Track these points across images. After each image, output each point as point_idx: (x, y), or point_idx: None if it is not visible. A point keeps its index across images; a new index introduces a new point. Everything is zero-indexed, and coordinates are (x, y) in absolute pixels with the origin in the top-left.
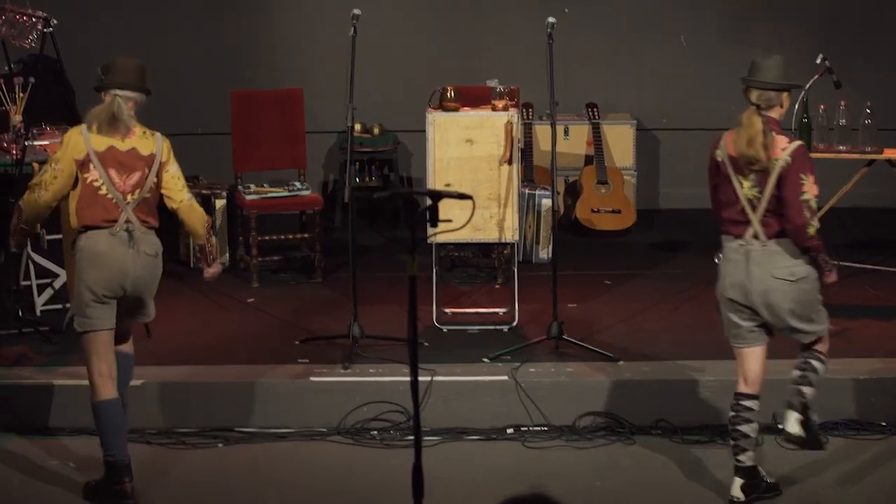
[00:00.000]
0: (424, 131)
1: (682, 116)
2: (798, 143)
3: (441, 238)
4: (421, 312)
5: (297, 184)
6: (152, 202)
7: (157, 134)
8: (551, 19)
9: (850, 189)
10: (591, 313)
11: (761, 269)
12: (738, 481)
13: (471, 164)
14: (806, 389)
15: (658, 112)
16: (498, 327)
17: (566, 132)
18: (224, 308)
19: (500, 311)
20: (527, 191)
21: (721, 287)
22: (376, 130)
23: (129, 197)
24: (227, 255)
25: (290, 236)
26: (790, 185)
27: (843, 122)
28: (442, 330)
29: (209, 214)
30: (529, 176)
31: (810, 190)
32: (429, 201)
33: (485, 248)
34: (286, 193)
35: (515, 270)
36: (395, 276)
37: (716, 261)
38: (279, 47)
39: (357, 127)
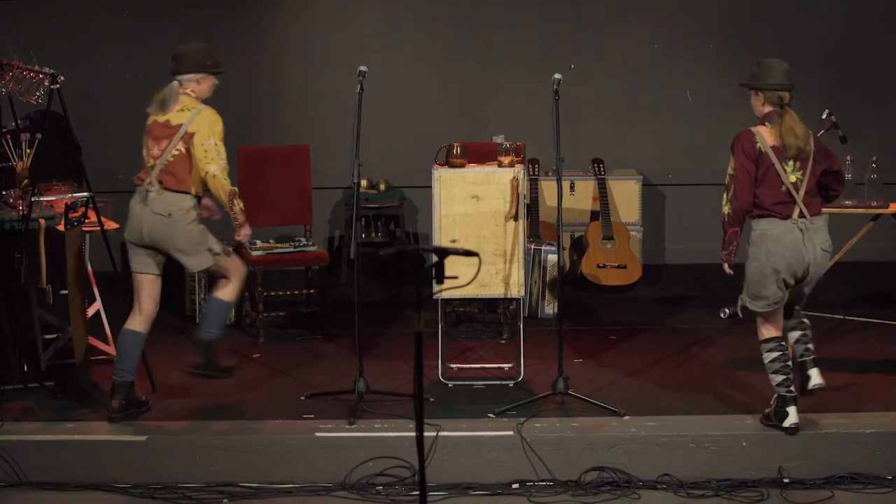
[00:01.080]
0: (430, 187)
1: (688, 172)
2: (810, 130)
3: (447, 294)
4: (427, 368)
5: (303, 239)
6: (176, 167)
7: (200, 109)
8: (557, 76)
9: (856, 243)
10: (596, 368)
11: (812, 243)
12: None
13: (477, 220)
14: (812, 345)
15: (664, 167)
16: (503, 382)
17: (572, 188)
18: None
19: (506, 366)
20: (532, 246)
21: (771, 263)
22: (382, 186)
23: (154, 161)
24: (233, 311)
25: (296, 292)
26: (832, 160)
27: (849, 176)
28: (447, 385)
29: None
30: (535, 231)
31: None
32: (435, 258)
33: (490, 304)
34: (292, 249)
35: (521, 326)
36: (401, 332)
37: (721, 315)
38: (286, 103)
39: (363, 183)
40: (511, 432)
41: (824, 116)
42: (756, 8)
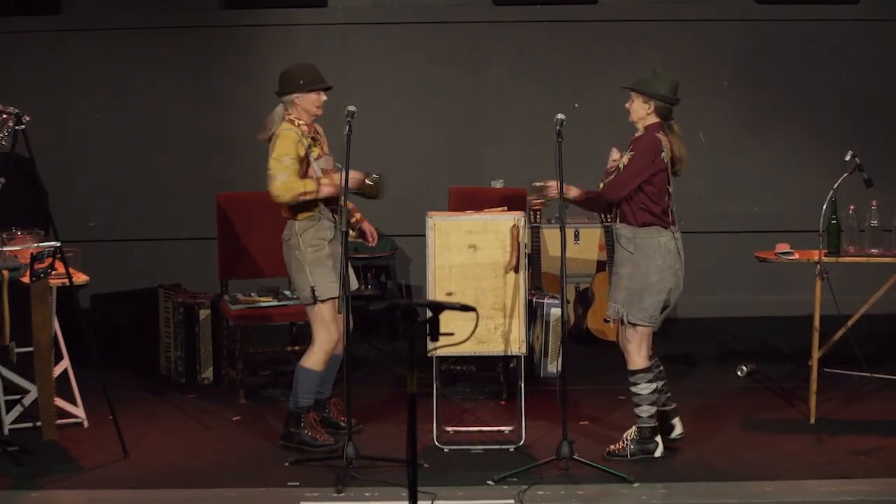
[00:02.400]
0: (424, 236)
1: (700, 218)
2: None
3: (442, 352)
4: (420, 431)
5: (288, 293)
6: None
7: (282, 129)
8: (560, 116)
9: (883, 294)
10: (604, 431)
11: (681, 253)
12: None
13: (474, 272)
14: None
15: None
16: (503, 447)
17: (576, 236)
18: (208, 427)
19: (506, 429)
20: (534, 299)
21: (661, 272)
22: None
23: None
24: (211, 370)
25: (280, 349)
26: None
27: (874, 223)
28: (443, 450)
29: (193, 325)
30: (537, 283)
31: None
32: (429, 313)
33: (489, 362)
34: (275, 303)
35: (522, 385)
36: (393, 392)
37: (738, 374)
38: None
39: (352, 231)
40: (511, 501)
41: (847, 158)
42: (773, 42)
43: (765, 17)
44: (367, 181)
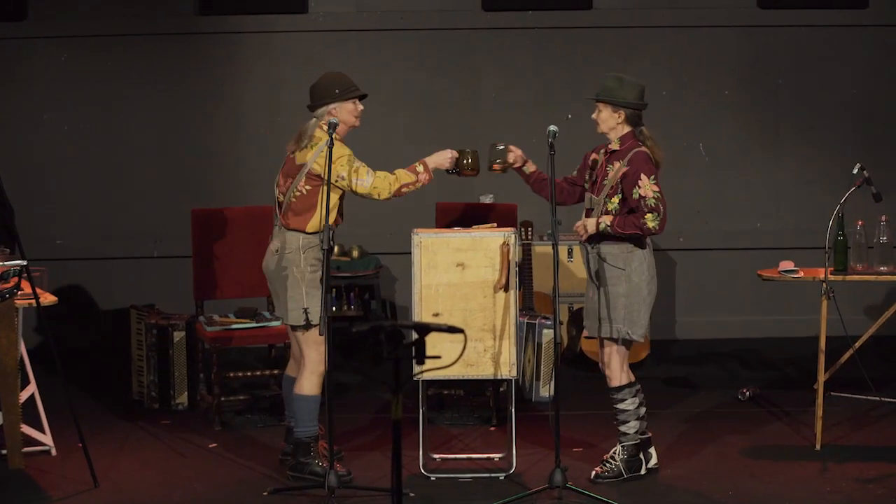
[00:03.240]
0: (409, 254)
1: (701, 235)
2: None
3: (429, 375)
4: (406, 459)
5: (266, 314)
6: (298, 206)
7: (323, 147)
8: (553, 127)
9: (892, 314)
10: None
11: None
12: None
13: (462, 291)
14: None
15: (674, 230)
16: (493, 475)
17: (570, 254)
18: (183, 455)
19: (496, 456)
20: (526, 320)
21: (650, 284)
22: (355, 253)
23: (281, 199)
24: (186, 395)
25: (258, 373)
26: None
27: (883, 239)
28: (430, 478)
29: (167, 348)
30: (529, 304)
31: None
32: (414, 335)
33: (478, 386)
34: (253, 325)
35: (513, 410)
36: (377, 418)
37: (740, 398)
38: (246, 158)
39: (334, 249)
40: None
41: (856, 171)
42: (777, 48)
43: (768, 22)
44: (463, 156)
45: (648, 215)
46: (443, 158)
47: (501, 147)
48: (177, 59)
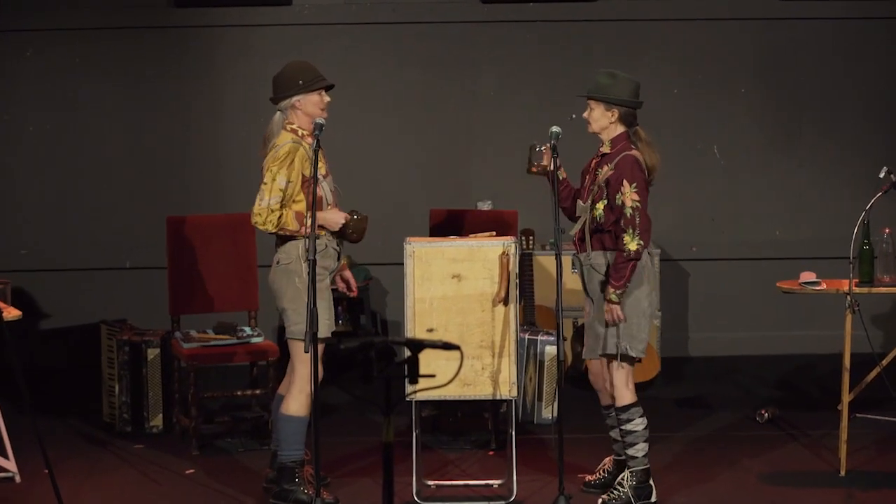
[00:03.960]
0: (402, 264)
1: (716, 244)
2: None
3: (422, 395)
4: (398, 485)
5: (248, 329)
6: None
7: (282, 139)
8: (556, 129)
9: None
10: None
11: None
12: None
13: (458, 305)
14: None
15: (686, 239)
16: (492, 503)
17: (574, 265)
18: (157, 481)
19: (495, 482)
20: (527, 336)
21: (650, 297)
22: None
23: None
24: (161, 416)
25: (239, 393)
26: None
27: None
28: None
29: (140, 366)
30: (530, 318)
31: None
32: (407, 352)
33: (476, 407)
34: (234, 341)
35: (513, 433)
36: (367, 441)
37: (758, 420)
38: (226, 163)
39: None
40: None
41: (882, 175)
42: (797, 43)
43: (787, 14)
44: (350, 220)
45: (625, 237)
46: (333, 221)
47: (539, 148)
48: (151, 54)
